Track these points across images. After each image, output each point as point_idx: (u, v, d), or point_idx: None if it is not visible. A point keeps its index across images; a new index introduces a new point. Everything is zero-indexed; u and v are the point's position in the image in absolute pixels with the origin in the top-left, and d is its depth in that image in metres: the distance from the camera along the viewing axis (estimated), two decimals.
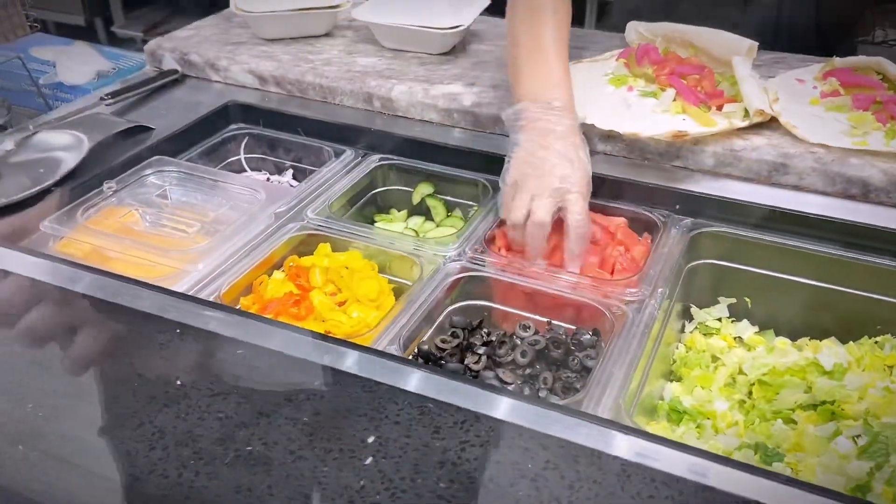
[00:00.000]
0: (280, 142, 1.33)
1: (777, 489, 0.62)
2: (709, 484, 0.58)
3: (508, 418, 0.62)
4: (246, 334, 0.72)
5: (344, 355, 0.69)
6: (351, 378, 0.64)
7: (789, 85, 1.22)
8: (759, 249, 1.06)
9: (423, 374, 0.68)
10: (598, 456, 0.57)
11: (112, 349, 0.70)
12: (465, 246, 1.05)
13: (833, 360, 0.96)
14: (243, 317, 0.80)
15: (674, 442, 0.63)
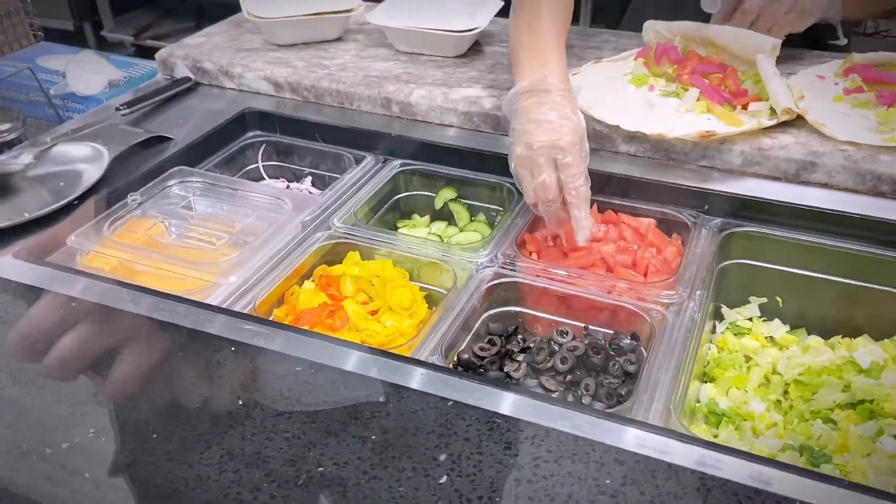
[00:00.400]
0: (297, 149, 1.31)
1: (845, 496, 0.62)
2: (786, 495, 0.57)
3: (578, 432, 0.61)
4: (299, 349, 0.71)
5: (403, 370, 0.68)
6: (415, 394, 0.63)
7: (810, 82, 1.22)
8: (790, 248, 1.06)
9: (481, 388, 0.67)
10: (674, 470, 0.57)
11: (165, 369, 0.68)
12: (496, 251, 1.04)
13: (870, 358, 0.96)
14: (292, 332, 0.78)
15: (741, 451, 0.63)
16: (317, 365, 0.67)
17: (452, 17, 1.36)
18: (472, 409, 0.62)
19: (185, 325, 0.76)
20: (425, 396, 0.63)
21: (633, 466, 0.57)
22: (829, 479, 0.64)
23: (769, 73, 1.13)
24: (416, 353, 0.87)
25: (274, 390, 0.64)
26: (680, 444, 0.68)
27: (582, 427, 0.69)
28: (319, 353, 0.71)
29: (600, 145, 1.19)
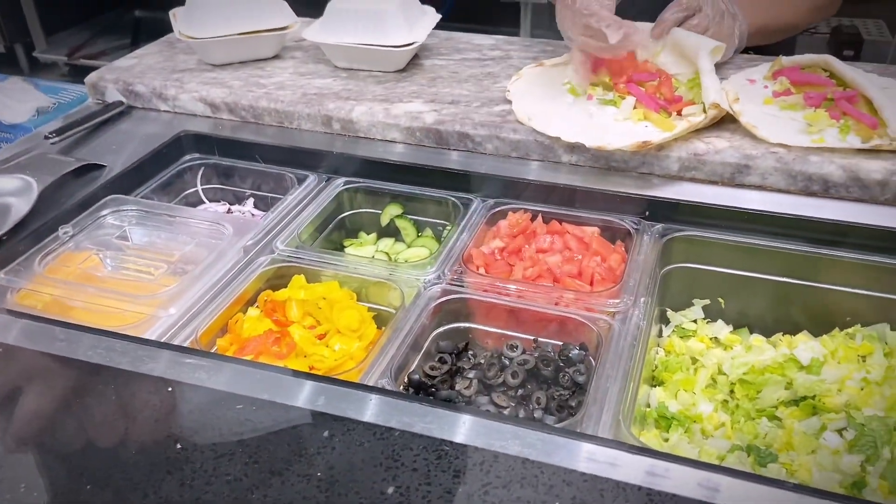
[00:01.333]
0: (238, 170, 1.29)
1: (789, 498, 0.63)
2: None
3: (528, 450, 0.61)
4: (241, 384, 0.69)
5: (351, 398, 0.67)
6: (361, 425, 0.62)
7: (742, 85, 1.25)
8: (729, 250, 1.08)
9: (432, 411, 0.67)
10: (622, 488, 0.57)
11: (99, 413, 0.66)
12: (443, 267, 1.04)
13: (809, 355, 0.99)
14: (234, 363, 0.77)
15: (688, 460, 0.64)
16: (259, 401, 0.66)
17: (390, 32, 1.35)
18: (420, 437, 0.61)
19: (122, 365, 0.73)
20: (372, 427, 0.62)
21: (582, 487, 0.57)
22: (774, 483, 0.65)
23: (706, 69, 1.16)
24: (366, 377, 0.86)
25: (214, 430, 0.62)
26: (629, 456, 0.69)
27: (533, 445, 0.70)
28: (263, 387, 0.69)
29: (542, 156, 1.19)
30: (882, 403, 0.91)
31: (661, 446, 0.93)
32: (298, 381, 0.74)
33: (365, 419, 0.65)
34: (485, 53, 1.49)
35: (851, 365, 0.97)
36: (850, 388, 0.94)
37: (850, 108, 1.10)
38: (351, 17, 1.36)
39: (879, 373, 0.96)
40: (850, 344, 1.01)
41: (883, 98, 1.09)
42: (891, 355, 0.99)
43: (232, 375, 0.76)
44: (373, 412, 0.70)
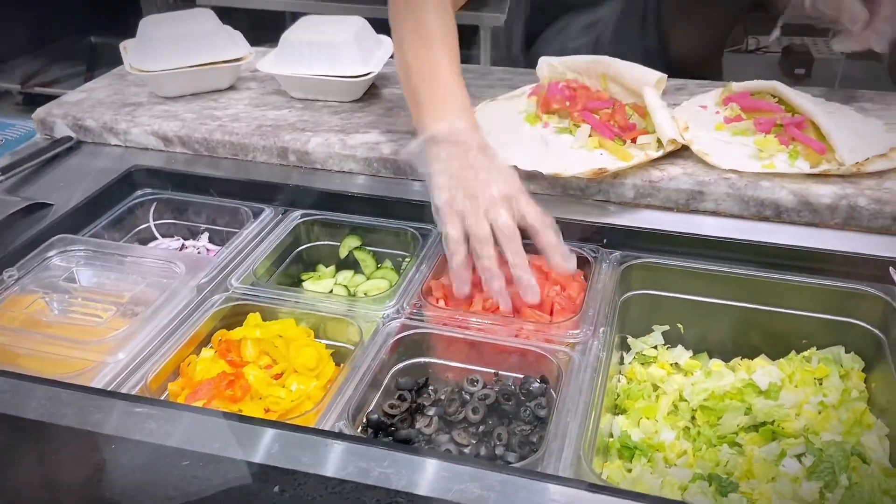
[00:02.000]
0: (192, 205, 1.26)
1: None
2: None
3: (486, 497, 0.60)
4: (188, 436, 0.67)
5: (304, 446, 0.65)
6: (313, 478, 0.61)
7: (694, 112, 1.27)
8: (686, 276, 1.09)
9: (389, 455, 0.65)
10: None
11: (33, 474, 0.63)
12: (402, 301, 1.02)
13: (767, 380, 0.99)
14: (182, 411, 0.74)
15: (648, 496, 0.63)
16: (206, 456, 0.63)
17: (346, 62, 1.35)
18: (373, 489, 0.59)
19: (66, 418, 0.71)
20: (324, 481, 0.60)
21: None
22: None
23: (655, 106, 1.17)
24: (324, 419, 0.84)
25: (159, 490, 0.60)
26: (590, 496, 0.68)
27: (493, 487, 0.69)
28: (212, 438, 0.67)
29: None
30: (839, 428, 0.92)
31: (624, 478, 0.92)
32: (250, 430, 0.72)
33: (318, 470, 0.63)
34: None
35: (808, 389, 0.98)
36: (808, 412, 0.95)
37: (798, 133, 1.12)
38: (306, 48, 1.35)
39: (836, 396, 0.97)
40: (806, 367, 1.02)
41: (830, 123, 1.11)
42: (846, 378, 1.01)
43: (180, 425, 0.73)
44: (328, 460, 0.68)
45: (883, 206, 1.03)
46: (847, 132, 1.11)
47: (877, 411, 0.97)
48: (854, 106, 1.27)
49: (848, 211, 1.04)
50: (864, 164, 1.05)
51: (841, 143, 1.08)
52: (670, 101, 1.34)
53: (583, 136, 1.19)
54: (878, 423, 0.94)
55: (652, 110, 1.17)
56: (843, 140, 1.08)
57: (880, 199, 1.03)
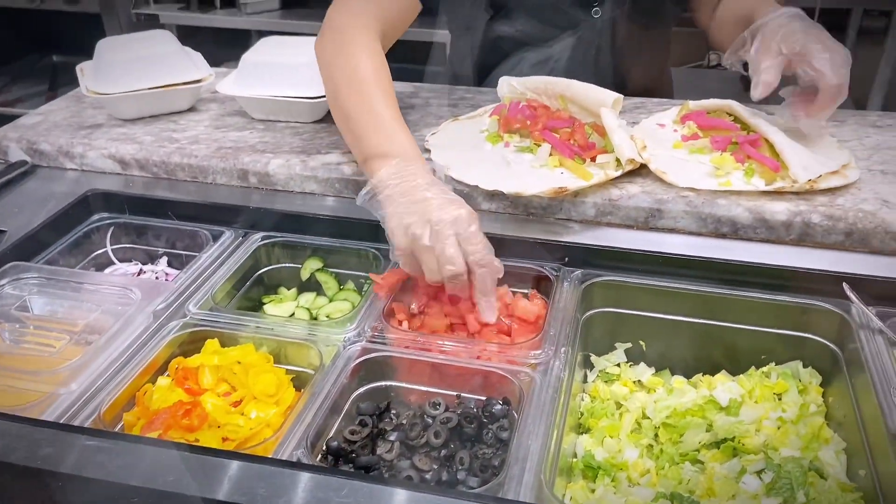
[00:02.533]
0: (150, 228, 1.24)
1: None
2: None
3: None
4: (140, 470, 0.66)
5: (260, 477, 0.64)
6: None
7: (652, 130, 1.29)
8: (647, 293, 1.09)
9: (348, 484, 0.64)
10: None
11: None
12: (363, 324, 1.02)
13: (728, 396, 1.00)
14: (136, 443, 0.73)
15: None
16: (156, 493, 0.62)
17: (307, 83, 1.34)
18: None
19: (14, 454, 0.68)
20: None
21: None
22: None
23: (612, 126, 1.18)
24: (282, 448, 0.83)
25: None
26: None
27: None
28: (165, 471, 0.66)
29: None
30: (797, 443, 0.93)
31: (587, 498, 0.92)
32: (205, 462, 0.70)
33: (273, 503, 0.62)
34: (404, 101, 1.49)
35: (768, 404, 0.99)
36: (768, 427, 0.96)
37: (753, 151, 1.14)
38: (266, 69, 1.34)
39: (794, 411, 0.98)
40: (765, 383, 1.03)
41: (783, 141, 1.13)
42: (804, 392, 1.02)
43: (133, 459, 0.72)
44: (284, 492, 0.67)
45: (836, 222, 1.05)
46: (800, 149, 1.13)
47: (834, 425, 0.98)
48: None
49: (802, 227, 1.06)
50: (816, 181, 1.08)
51: (794, 160, 1.10)
52: (629, 119, 1.35)
53: (543, 155, 1.20)
54: (836, 437, 0.95)
55: (610, 131, 1.18)
56: (797, 157, 1.10)
57: (833, 216, 1.05)
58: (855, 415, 0.93)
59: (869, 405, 0.90)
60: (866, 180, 1.12)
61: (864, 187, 1.11)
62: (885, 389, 0.89)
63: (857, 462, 0.91)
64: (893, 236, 1.03)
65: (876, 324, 0.98)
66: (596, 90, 1.26)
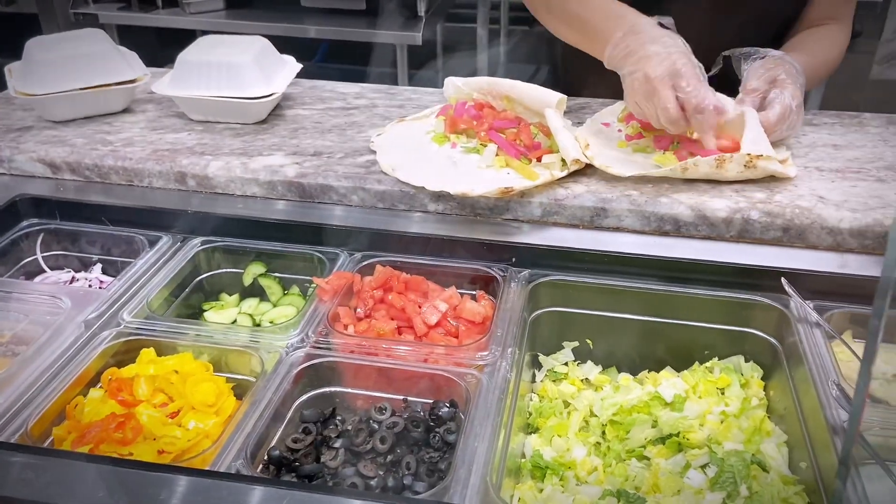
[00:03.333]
0: (83, 234, 1.20)
1: None
2: None
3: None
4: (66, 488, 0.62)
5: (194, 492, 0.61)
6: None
7: (597, 130, 1.29)
8: (593, 292, 1.10)
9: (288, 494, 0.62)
10: None
11: None
12: (307, 329, 0.99)
13: (673, 392, 1.01)
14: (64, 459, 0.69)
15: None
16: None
17: (247, 83, 1.31)
18: None
19: None
20: None
21: None
22: None
23: (557, 127, 1.18)
24: (220, 459, 0.80)
25: None
26: None
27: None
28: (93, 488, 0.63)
29: (409, 205, 1.18)
30: (740, 436, 0.94)
31: (535, 499, 0.91)
32: (136, 476, 0.67)
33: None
34: (350, 102, 1.47)
35: (711, 399, 1.00)
36: (711, 422, 0.97)
37: (694, 146, 1.16)
38: (204, 68, 1.30)
39: (737, 405, 0.99)
40: (709, 377, 1.04)
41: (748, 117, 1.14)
42: (746, 386, 1.03)
43: (62, 475, 0.68)
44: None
45: (774, 218, 1.07)
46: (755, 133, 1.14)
47: (776, 419, 1.00)
48: None
49: (742, 224, 1.08)
50: (757, 158, 1.08)
51: (748, 135, 1.11)
52: (574, 119, 1.36)
53: (490, 156, 1.19)
54: (777, 430, 0.97)
55: (554, 131, 1.18)
56: (751, 135, 1.11)
57: (771, 212, 1.07)
58: (795, 408, 0.95)
59: (808, 398, 0.92)
60: (803, 177, 1.15)
61: (801, 184, 1.13)
62: (824, 382, 0.91)
63: (798, 454, 0.92)
64: (829, 231, 1.05)
65: (813, 317, 1.00)
66: (540, 90, 1.26)
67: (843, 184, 1.13)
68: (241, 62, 1.29)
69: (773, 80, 1.19)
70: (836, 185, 1.12)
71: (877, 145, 1.25)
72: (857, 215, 1.05)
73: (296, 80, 1.45)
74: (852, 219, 1.04)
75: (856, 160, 1.20)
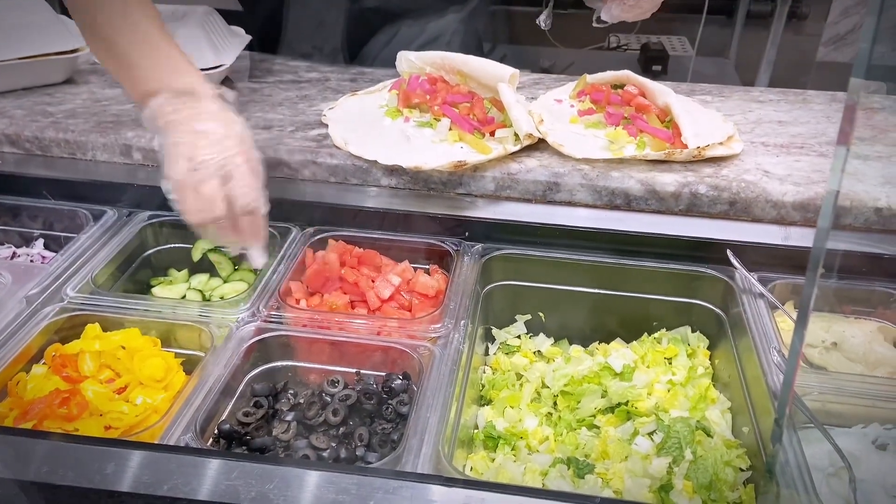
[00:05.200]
0: (24, 209, 1.16)
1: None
2: None
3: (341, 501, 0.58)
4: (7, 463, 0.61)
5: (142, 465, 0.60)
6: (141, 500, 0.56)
7: (549, 106, 1.30)
8: (545, 265, 1.11)
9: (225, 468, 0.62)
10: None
11: None
12: (258, 304, 0.98)
13: (622, 362, 1.03)
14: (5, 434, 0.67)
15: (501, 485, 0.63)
16: (24, 483, 0.57)
17: (196, 55, 1.27)
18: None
19: None
20: (157, 501, 0.56)
21: None
22: (582, 499, 0.67)
23: (510, 101, 1.18)
24: (169, 433, 0.79)
25: None
26: (445, 490, 0.67)
27: (348, 490, 0.67)
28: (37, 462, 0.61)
29: (362, 180, 1.17)
30: (686, 404, 0.97)
31: (488, 468, 0.93)
32: (81, 450, 0.66)
33: (152, 490, 0.59)
34: (301, 75, 1.45)
35: (659, 368, 1.03)
36: (659, 391, 0.99)
37: (644, 125, 1.17)
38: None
39: (683, 374, 1.02)
40: (657, 348, 1.07)
41: (680, 109, 1.16)
42: (693, 356, 1.06)
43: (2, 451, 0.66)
44: (168, 478, 0.64)
45: (721, 192, 1.09)
46: (693, 119, 1.16)
47: (720, 386, 1.02)
48: (696, 98, 1.35)
49: (690, 198, 1.10)
50: (705, 149, 1.11)
51: (688, 127, 1.13)
52: (528, 94, 1.36)
53: (443, 130, 1.19)
54: (721, 397, 1.00)
55: (507, 106, 1.18)
56: (690, 125, 1.14)
57: (718, 186, 1.09)
58: (739, 375, 0.98)
59: (752, 366, 0.95)
60: (749, 152, 1.17)
61: (747, 159, 1.15)
62: (766, 350, 0.94)
63: (741, 420, 0.95)
64: (773, 205, 1.08)
65: (757, 288, 1.03)
66: (493, 65, 1.25)
67: (787, 159, 1.16)
68: (187, 33, 1.25)
69: None
70: (781, 159, 1.15)
71: (820, 122, 1.28)
72: (800, 189, 1.08)
73: (245, 53, 1.42)
74: (795, 192, 1.07)
75: (800, 136, 1.23)
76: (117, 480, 0.65)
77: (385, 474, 0.69)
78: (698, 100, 1.35)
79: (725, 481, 0.84)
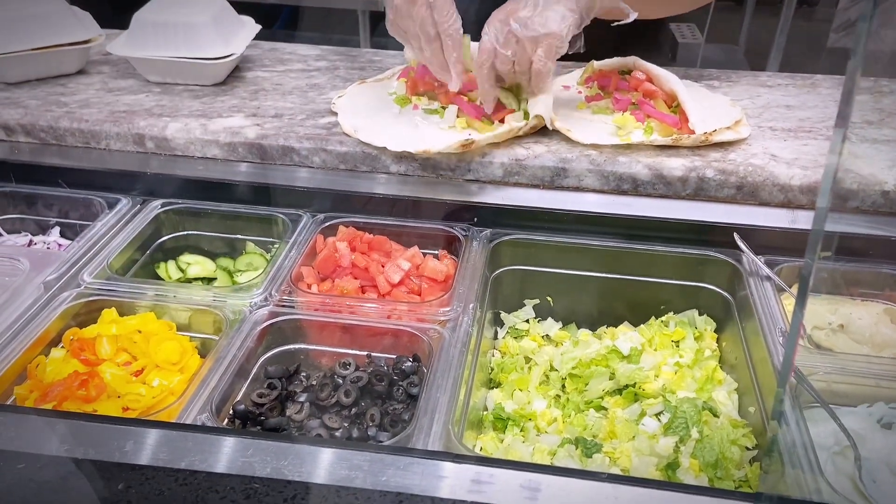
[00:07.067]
0: (39, 197, 1.18)
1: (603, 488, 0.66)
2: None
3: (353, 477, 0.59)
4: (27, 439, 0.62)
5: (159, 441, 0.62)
6: (161, 472, 0.58)
7: (558, 92, 1.30)
8: (553, 250, 1.12)
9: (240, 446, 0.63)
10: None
11: None
12: (271, 288, 1.00)
13: (629, 345, 1.04)
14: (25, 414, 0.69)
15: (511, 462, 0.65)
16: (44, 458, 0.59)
17: (204, 44, 1.29)
18: (228, 477, 0.57)
19: None
20: (174, 473, 0.58)
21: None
22: (590, 475, 0.68)
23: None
24: (185, 413, 0.81)
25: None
26: (455, 466, 0.69)
27: (360, 466, 0.68)
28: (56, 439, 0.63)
29: (371, 167, 1.18)
30: (693, 385, 0.98)
31: (497, 448, 0.94)
32: (99, 428, 0.68)
33: (170, 463, 0.60)
34: (310, 64, 1.46)
35: (666, 351, 1.04)
36: (666, 373, 1.00)
37: (652, 110, 1.18)
38: (161, 28, 1.28)
39: (690, 356, 1.03)
40: (664, 331, 1.08)
41: (686, 95, 1.17)
42: (700, 339, 1.07)
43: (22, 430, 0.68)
44: (185, 455, 0.66)
45: (728, 176, 1.09)
46: (700, 104, 1.17)
47: (727, 368, 1.03)
48: (703, 83, 1.35)
49: (697, 182, 1.10)
50: (712, 134, 1.11)
51: (694, 113, 1.13)
52: None
53: (451, 117, 1.20)
54: (728, 378, 1.01)
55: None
56: (697, 111, 1.14)
57: (725, 171, 1.10)
58: (745, 357, 0.99)
59: (758, 347, 0.96)
60: (756, 136, 1.18)
61: (755, 143, 1.16)
62: (773, 332, 0.95)
63: (747, 400, 0.97)
64: (780, 189, 1.09)
65: (764, 271, 1.04)
66: None
67: (794, 143, 1.16)
68: (198, 22, 1.27)
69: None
70: (788, 143, 1.16)
71: (828, 105, 1.28)
72: (807, 172, 1.08)
73: (255, 42, 1.43)
74: (802, 176, 1.08)
75: (807, 120, 1.23)
76: (138, 456, 0.66)
77: (396, 451, 0.70)
78: (705, 84, 1.35)
79: (731, 460, 0.85)
